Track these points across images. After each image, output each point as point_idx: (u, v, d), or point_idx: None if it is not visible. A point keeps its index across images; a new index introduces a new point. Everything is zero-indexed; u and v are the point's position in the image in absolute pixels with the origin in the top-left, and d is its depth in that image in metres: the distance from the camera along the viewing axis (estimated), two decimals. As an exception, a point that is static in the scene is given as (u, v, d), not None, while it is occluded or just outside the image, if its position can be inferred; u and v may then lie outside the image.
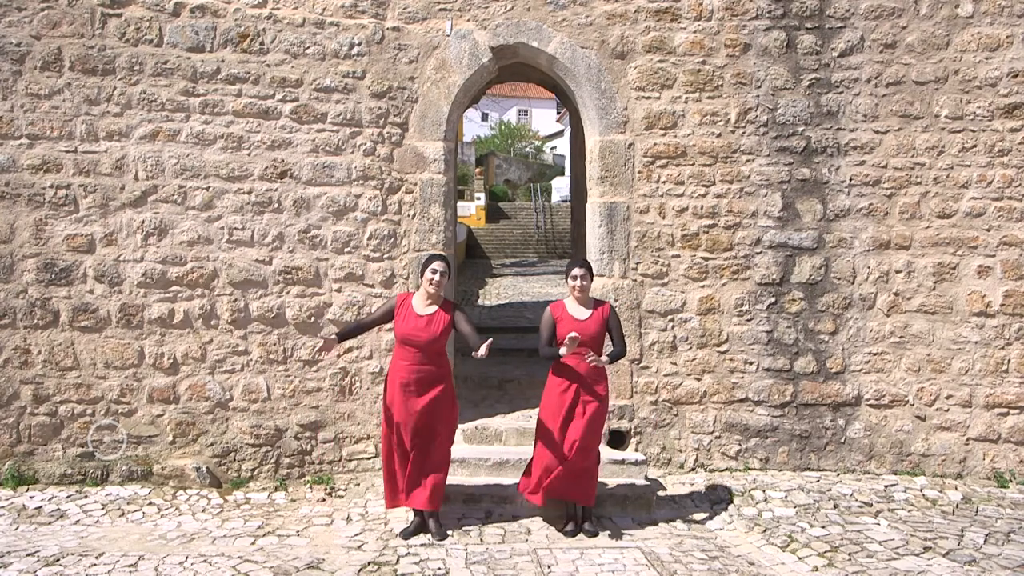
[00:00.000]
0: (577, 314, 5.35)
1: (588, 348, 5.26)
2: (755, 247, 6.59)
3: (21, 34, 6.17)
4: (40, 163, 6.18)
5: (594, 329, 5.31)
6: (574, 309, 5.38)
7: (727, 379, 6.58)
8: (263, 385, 6.41)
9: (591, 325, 5.31)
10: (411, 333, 5.20)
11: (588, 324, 5.31)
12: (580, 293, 5.36)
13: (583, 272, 5.36)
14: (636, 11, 6.56)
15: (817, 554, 5.02)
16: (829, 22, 6.58)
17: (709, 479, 6.35)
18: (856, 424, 6.57)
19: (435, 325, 5.21)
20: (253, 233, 6.39)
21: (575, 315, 5.35)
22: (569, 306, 5.40)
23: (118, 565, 4.69)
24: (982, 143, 6.55)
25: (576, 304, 5.40)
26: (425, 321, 5.21)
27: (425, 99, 6.53)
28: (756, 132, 6.58)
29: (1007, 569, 4.74)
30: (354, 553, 5.00)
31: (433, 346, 5.21)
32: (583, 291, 5.36)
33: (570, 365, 5.27)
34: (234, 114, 6.36)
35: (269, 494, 6.16)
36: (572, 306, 5.40)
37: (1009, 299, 6.53)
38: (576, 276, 5.36)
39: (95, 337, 6.24)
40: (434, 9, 6.53)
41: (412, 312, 5.25)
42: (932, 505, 5.94)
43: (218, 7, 6.35)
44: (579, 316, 5.34)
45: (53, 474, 6.17)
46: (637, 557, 4.93)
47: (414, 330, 5.20)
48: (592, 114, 6.61)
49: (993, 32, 6.55)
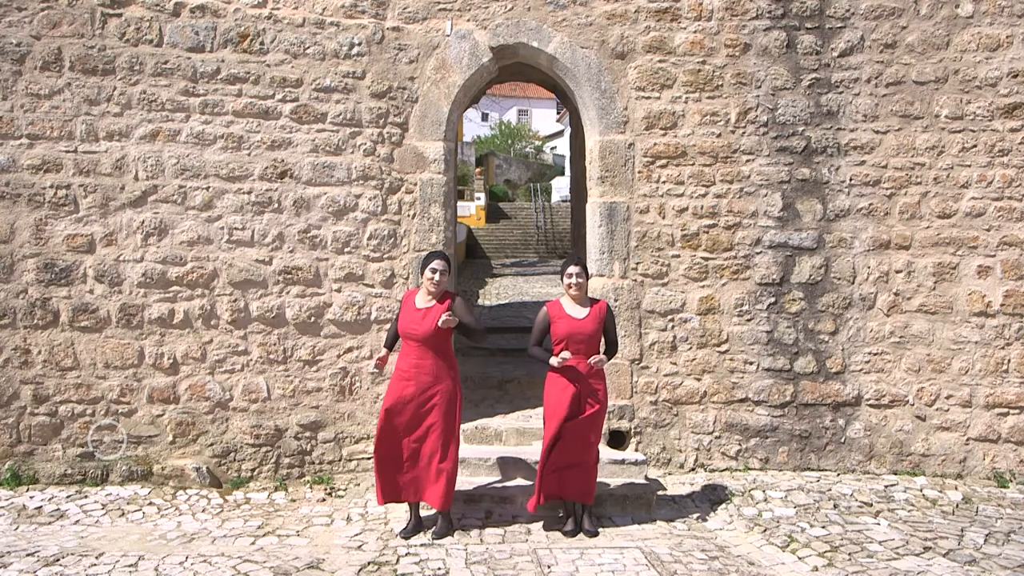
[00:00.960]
0: (574, 313, 5.36)
1: (585, 346, 5.27)
2: (755, 247, 6.59)
3: (21, 34, 6.17)
4: (40, 163, 6.18)
5: (591, 328, 5.32)
6: (571, 308, 5.38)
7: (727, 379, 6.58)
8: (263, 385, 6.41)
9: (588, 324, 5.32)
10: (408, 327, 5.24)
11: (585, 323, 5.32)
12: (576, 291, 5.37)
13: (578, 271, 5.37)
14: (636, 11, 6.56)
15: (817, 554, 5.02)
16: (829, 22, 6.58)
17: (709, 479, 6.35)
18: (856, 424, 6.57)
19: (431, 318, 5.21)
20: (253, 233, 6.39)
21: (572, 314, 5.35)
22: (566, 305, 5.40)
23: (118, 565, 4.69)
24: (982, 143, 6.55)
25: (573, 303, 5.40)
26: (422, 314, 5.24)
27: (425, 99, 6.53)
28: (756, 132, 6.58)
29: (1007, 569, 4.74)
30: (354, 553, 5.00)
31: (431, 340, 5.21)
32: (579, 289, 5.37)
33: (570, 365, 5.28)
34: (234, 114, 6.36)
35: (269, 494, 6.16)
36: (569, 305, 5.40)
37: (1009, 299, 6.53)
38: (571, 275, 5.36)
39: (95, 337, 6.24)
40: (434, 9, 6.53)
41: (412, 306, 5.29)
42: (932, 505, 5.94)
43: (218, 7, 6.35)
44: (576, 315, 5.34)
45: (53, 474, 6.17)
46: (637, 557, 4.93)
47: (411, 323, 5.24)
48: (592, 114, 6.61)
49: (993, 32, 6.55)
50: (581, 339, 5.27)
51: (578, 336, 5.28)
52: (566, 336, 5.30)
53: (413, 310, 5.28)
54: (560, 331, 5.30)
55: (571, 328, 5.28)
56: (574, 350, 5.27)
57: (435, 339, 5.22)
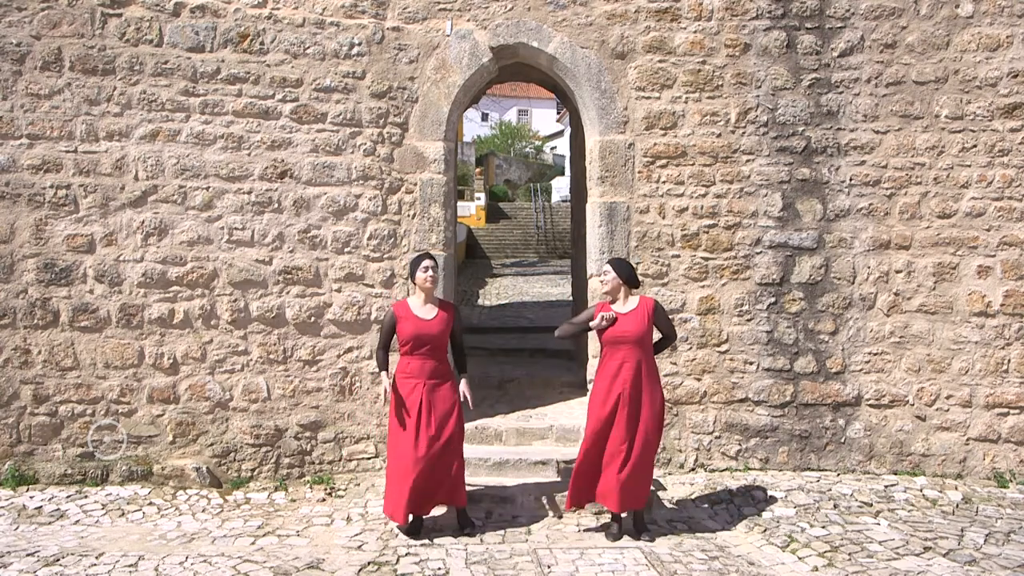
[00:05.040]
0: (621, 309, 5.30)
1: (632, 346, 5.18)
2: (755, 247, 6.59)
3: (21, 34, 6.17)
4: (40, 163, 6.18)
5: (639, 327, 5.23)
6: (618, 307, 5.31)
7: (727, 379, 6.58)
8: (263, 385, 6.41)
9: (636, 324, 5.23)
10: (423, 329, 5.19)
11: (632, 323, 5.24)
12: (610, 295, 5.31)
13: (608, 270, 5.30)
14: (636, 11, 6.56)
15: (817, 554, 5.02)
16: (829, 22, 6.58)
17: (709, 479, 6.35)
18: (856, 424, 6.57)
19: (439, 320, 5.27)
20: (253, 233, 6.39)
21: (619, 310, 5.29)
22: (615, 306, 5.33)
23: (118, 565, 4.69)
24: (982, 143, 6.55)
25: (620, 304, 5.33)
26: (431, 316, 5.27)
27: (425, 99, 6.53)
28: (756, 132, 6.58)
29: (1007, 569, 4.74)
30: (354, 553, 5.00)
31: (441, 341, 5.25)
32: (612, 292, 5.28)
33: (615, 365, 5.20)
34: (234, 114, 6.36)
35: (269, 494, 6.16)
36: (617, 305, 5.33)
37: (1009, 299, 6.53)
38: (603, 271, 5.36)
39: (95, 337, 6.24)
40: (434, 9, 6.53)
41: (413, 314, 5.26)
42: (932, 505, 5.94)
43: (218, 7, 6.35)
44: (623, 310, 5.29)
45: (53, 474, 6.17)
46: (637, 557, 4.93)
47: (424, 328, 5.20)
48: (592, 114, 6.62)
49: (993, 32, 6.55)
50: (627, 338, 5.19)
51: (623, 340, 5.21)
52: (611, 340, 5.24)
53: (416, 317, 5.24)
54: (607, 334, 5.25)
55: (620, 325, 5.21)
56: (623, 354, 5.20)
57: (443, 340, 5.28)
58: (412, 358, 5.24)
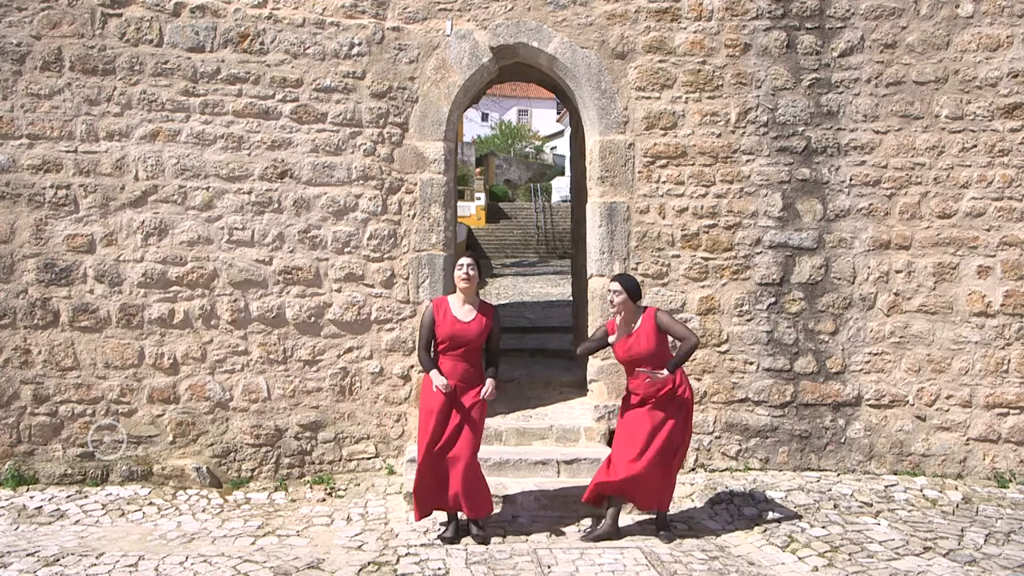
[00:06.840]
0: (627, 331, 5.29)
1: (648, 366, 5.18)
2: (755, 247, 6.59)
3: (21, 34, 6.17)
4: (40, 163, 6.19)
5: (646, 346, 5.22)
6: (624, 328, 5.28)
7: (727, 379, 6.58)
8: (263, 385, 6.41)
9: (643, 343, 5.23)
10: (459, 331, 5.13)
11: (640, 342, 5.24)
12: (620, 311, 5.25)
13: (617, 287, 5.23)
14: (636, 11, 6.56)
15: (817, 554, 5.02)
16: (829, 22, 6.58)
17: (709, 479, 6.35)
18: (856, 424, 6.57)
19: (477, 323, 5.18)
20: (253, 233, 6.39)
21: (628, 327, 5.27)
22: (625, 325, 5.29)
23: (118, 565, 4.69)
24: (982, 143, 6.54)
25: (623, 323, 5.28)
26: (469, 319, 5.18)
27: (425, 99, 6.53)
28: (756, 132, 6.58)
29: (1007, 569, 4.74)
30: (354, 553, 5.00)
31: (476, 344, 5.19)
32: (622, 307, 5.22)
33: (639, 383, 5.23)
34: (234, 114, 6.36)
35: (269, 494, 6.16)
36: (626, 322, 5.29)
37: (1009, 299, 6.53)
38: (611, 291, 5.28)
39: (95, 337, 6.24)
40: (434, 9, 6.53)
41: (451, 315, 5.18)
42: (932, 505, 5.94)
43: (218, 7, 6.35)
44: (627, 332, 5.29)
45: (53, 474, 6.17)
46: (637, 557, 4.93)
47: (462, 329, 5.14)
48: (592, 114, 6.62)
49: (993, 32, 6.55)
50: (640, 360, 5.21)
51: (638, 360, 5.22)
52: (627, 361, 5.26)
53: (454, 318, 5.16)
54: (620, 355, 5.28)
55: (627, 344, 5.22)
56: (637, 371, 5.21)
57: (479, 343, 5.20)
58: (444, 358, 5.18)
